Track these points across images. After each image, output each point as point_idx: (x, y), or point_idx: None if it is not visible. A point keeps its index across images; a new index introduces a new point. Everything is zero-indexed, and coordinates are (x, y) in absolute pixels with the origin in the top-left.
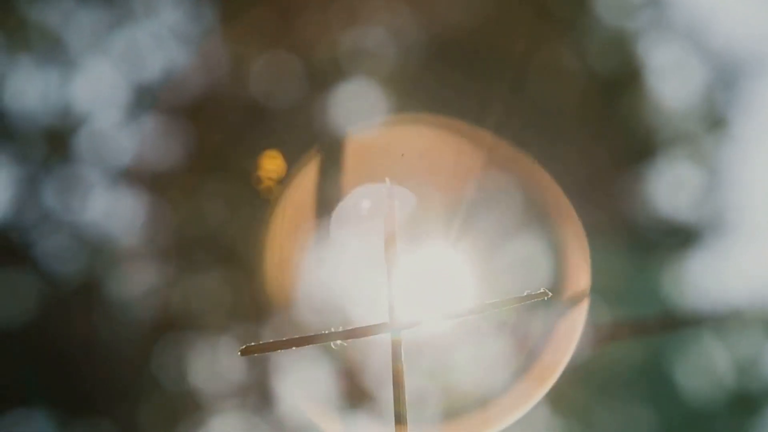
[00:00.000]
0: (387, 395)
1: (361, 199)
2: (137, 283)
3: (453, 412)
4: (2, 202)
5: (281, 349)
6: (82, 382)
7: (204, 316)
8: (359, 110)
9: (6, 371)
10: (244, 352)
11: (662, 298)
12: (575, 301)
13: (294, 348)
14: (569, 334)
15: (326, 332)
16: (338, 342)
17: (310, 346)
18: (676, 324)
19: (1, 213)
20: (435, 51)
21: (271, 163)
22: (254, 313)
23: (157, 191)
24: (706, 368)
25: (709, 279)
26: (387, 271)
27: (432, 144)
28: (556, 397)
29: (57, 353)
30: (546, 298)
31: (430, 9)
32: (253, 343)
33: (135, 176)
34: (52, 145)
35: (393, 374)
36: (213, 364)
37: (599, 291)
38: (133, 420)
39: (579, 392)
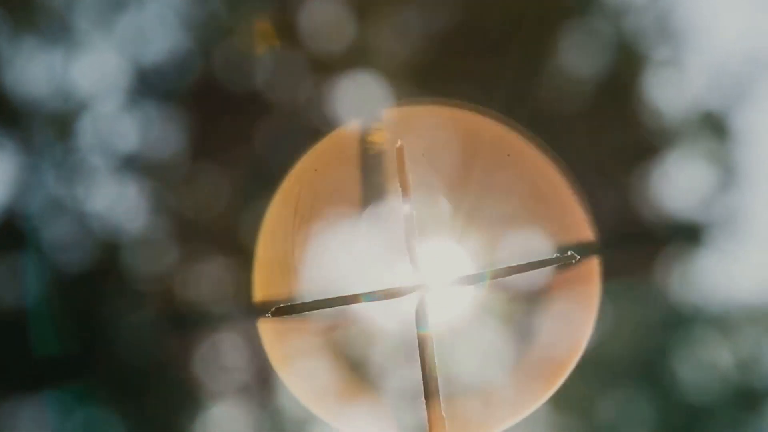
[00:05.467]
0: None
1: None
2: (142, 272)
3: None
4: (6, 189)
5: (311, 310)
6: (88, 374)
7: (211, 304)
8: (365, 101)
9: (9, 360)
10: (275, 313)
11: (667, 294)
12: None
13: (323, 309)
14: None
15: (353, 294)
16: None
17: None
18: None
19: (5, 200)
20: (444, 41)
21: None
22: (263, 301)
23: (158, 180)
24: (709, 365)
25: (716, 277)
26: (406, 233)
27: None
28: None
29: (62, 343)
30: (573, 262)
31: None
32: (282, 305)
33: (137, 164)
34: (54, 130)
35: (418, 340)
36: (219, 353)
37: (608, 289)
38: (142, 411)
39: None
